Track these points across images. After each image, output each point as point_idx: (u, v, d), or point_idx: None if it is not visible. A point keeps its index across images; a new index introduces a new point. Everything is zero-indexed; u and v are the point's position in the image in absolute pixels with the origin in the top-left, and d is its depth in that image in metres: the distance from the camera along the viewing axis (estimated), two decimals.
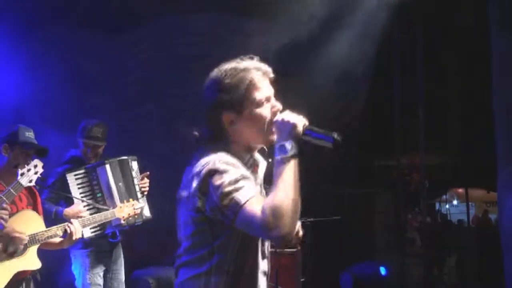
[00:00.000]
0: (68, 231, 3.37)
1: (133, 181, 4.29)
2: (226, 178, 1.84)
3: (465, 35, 8.05)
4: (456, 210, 15.42)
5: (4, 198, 3.05)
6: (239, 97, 1.96)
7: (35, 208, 3.47)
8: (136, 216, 4.09)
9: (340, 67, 6.68)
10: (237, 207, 1.81)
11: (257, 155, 2.10)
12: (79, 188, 4.11)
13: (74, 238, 3.41)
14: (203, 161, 1.92)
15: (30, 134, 3.40)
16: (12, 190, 3.12)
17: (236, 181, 1.84)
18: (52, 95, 5.42)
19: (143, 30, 6.04)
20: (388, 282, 7.56)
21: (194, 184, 1.89)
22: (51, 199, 4.06)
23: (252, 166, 2.04)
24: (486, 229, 11.40)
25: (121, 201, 4.02)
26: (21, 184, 3.16)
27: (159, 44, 6.11)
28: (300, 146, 1.89)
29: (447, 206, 15.75)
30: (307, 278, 6.10)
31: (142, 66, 6.08)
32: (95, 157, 4.29)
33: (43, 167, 3.26)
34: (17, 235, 3.18)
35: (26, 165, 3.21)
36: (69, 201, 4.03)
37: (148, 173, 4.38)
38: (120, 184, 4.19)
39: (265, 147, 2.07)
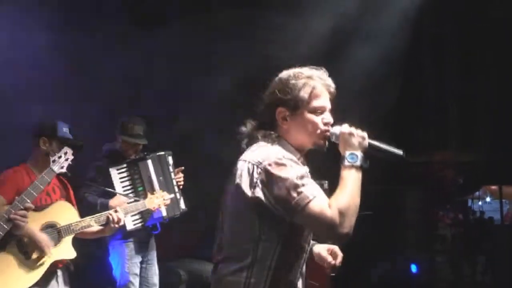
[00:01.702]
0: (111, 219, 3.47)
1: (170, 175, 4.42)
2: (292, 172, 1.93)
3: (498, 28, 7.90)
4: (489, 207, 15.11)
5: (26, 198, 3.10)
6: (298, 98, 2.05)
7: (68, 200, 3.58)
8: (166, 206, 4.09)
9: (371, 62, 6.63)
10: (306, 200, 1.90)
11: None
12: (121, 182, 4.22)
13: (117, 226, 3.51)
14: (262, 153, 2.00)
15: (67, 130, 3.53)
16: (45, 176, 3.23)
17: (302, 177, 1.94)
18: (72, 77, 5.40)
19: (169, 27, 6.05)
20: (418, 280, 7.49)
21: (255, 175, 1.95)
22: (93, 193, 4.15)
23: (304, 165, 2.10)
24: None
25: None
26: (53, 171, 3.26)
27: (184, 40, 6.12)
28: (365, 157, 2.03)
29: (479, 203, 15.46)
30: (337, 273, 6.08)
31: (169, 61, 6.09)
32: (135, 153, 4.40)
33: (73, 154, 3.36)
34: (43, 246, 3.27)
35: (56, 153, 3.32)
36: (110, 195, 4.13)
37: (182, 168, 4.49)
38: (161, 178, 4.34)
39: (324, 148, 2.12)
